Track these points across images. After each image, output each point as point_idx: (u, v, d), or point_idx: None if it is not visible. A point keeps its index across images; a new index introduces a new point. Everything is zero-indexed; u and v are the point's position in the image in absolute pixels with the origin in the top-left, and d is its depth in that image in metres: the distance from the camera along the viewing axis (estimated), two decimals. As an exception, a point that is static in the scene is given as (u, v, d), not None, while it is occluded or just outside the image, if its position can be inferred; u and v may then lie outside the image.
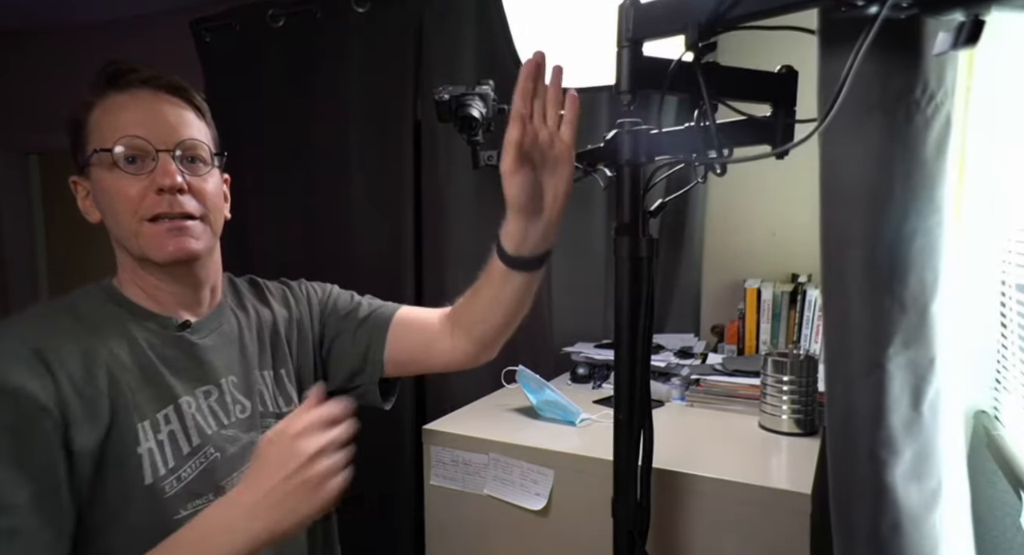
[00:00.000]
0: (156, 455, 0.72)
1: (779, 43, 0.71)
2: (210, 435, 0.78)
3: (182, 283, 0.80)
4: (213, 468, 0.77)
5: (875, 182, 0.59)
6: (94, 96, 0.75)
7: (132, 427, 0.71)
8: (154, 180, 0.73)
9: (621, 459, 0.81)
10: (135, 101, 0.75)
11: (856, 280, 0.62)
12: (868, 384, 0.62)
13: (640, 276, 0.78)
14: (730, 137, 0.71)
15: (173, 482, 0.73)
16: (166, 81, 0.78)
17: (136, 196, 0.73)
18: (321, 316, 0.99)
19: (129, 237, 0.75)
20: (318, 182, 1.98)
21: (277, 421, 0.83)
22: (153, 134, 0.74)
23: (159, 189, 0.73)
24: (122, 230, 0.75)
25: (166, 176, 0.73)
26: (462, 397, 1.46)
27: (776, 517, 0.93)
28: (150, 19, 2.40)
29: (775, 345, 1.58)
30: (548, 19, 0.99)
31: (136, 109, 0.75)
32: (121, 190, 0.73)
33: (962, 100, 0.95)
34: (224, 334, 0.85)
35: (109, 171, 0.74)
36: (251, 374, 0.86)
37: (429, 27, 1.79)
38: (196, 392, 0.79)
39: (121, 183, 0.73)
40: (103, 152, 0.73)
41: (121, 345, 0.74)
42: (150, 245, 0.74)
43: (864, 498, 0.64)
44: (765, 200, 1.72)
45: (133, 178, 0.73)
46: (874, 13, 0.37)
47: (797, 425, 1.17)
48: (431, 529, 1.23)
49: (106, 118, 0.74)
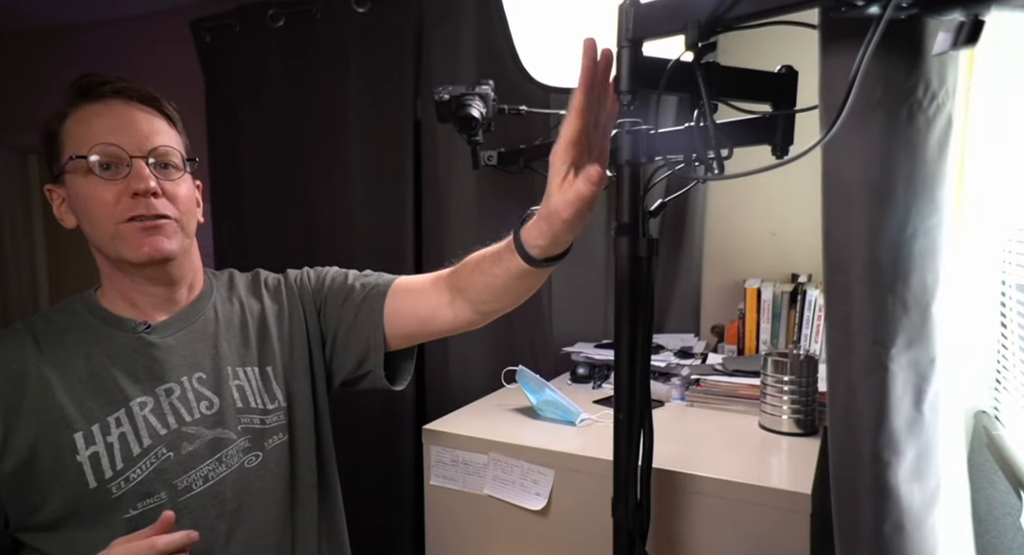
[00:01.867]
0: (104, 458, 0.75)
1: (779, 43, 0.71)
2: (163, 435, 0.79)
3: (157, 283, 0.84)
4: (165, 467, 0.79)
5: (877, 182, 0.59)
6: (68, 107, 0.79)
7: (66, 440, 0.74)
8: (129, 185, 0.77)
9: (621, 459, 0.81)
10: (108, 110, 0.78)
11: (858, 280, 0.62)
12: (871, 384, 0.62)
13: (640, 276, 0.78)
14: (730, 137, 0.71)
15: (121, 483, 0.76)
16: (138, 92, 0.81)
17: (112, 200, 0.77)
18: (315, 305, 0.97)
19: (106, 240, 0.78)
20: (318, 182, 1.98)
21: (261, 418, 0.87)
22: (127, 142, 0.77)
23: (134, 193, 0.77)
24: (99, 233, 0.78)
25: (140, 180, 0.77)
26: (462, 397, 1.46)
27: (776, 517, 0.93)
28: (150, 19, 2.40)
29: (775, 345, 1.58)
30: (548, 19, 0.99)
31: (109, 117, 0.78)
32: (97, 195, 0.77)
33: (962, 100, 0.95)
34: (195, 330, 0.86)
35: (84, 177, 0.77)
36: (223, 370, 0.86)
37: (429, 27, 1.79)
38: (157, 391, 0.81)
39: (97, 188, 0.77)
40: (78, 159, 0.76)
41: (77, 357, 0.78)
42: (126, 246, 0.78)
43: (867, 498, 0.64)
44: (765, 200, 1.72)
45: (108, 184, 0.77)
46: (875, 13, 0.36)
47: (797, 425, 1.17)
48: (431, 529, 1.23)
49: (79, 127, 0.77)
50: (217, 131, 2.11)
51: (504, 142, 1.30)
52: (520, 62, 0.96)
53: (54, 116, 0.79)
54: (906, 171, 0.57)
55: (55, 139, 0.79)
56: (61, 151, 0.78)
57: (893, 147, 0.57)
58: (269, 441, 0.87)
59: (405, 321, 0.95)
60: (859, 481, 0.64)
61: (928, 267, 0.59)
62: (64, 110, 0.79)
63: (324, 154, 1.96)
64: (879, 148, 0.58)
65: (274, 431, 0.88)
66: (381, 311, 0.95)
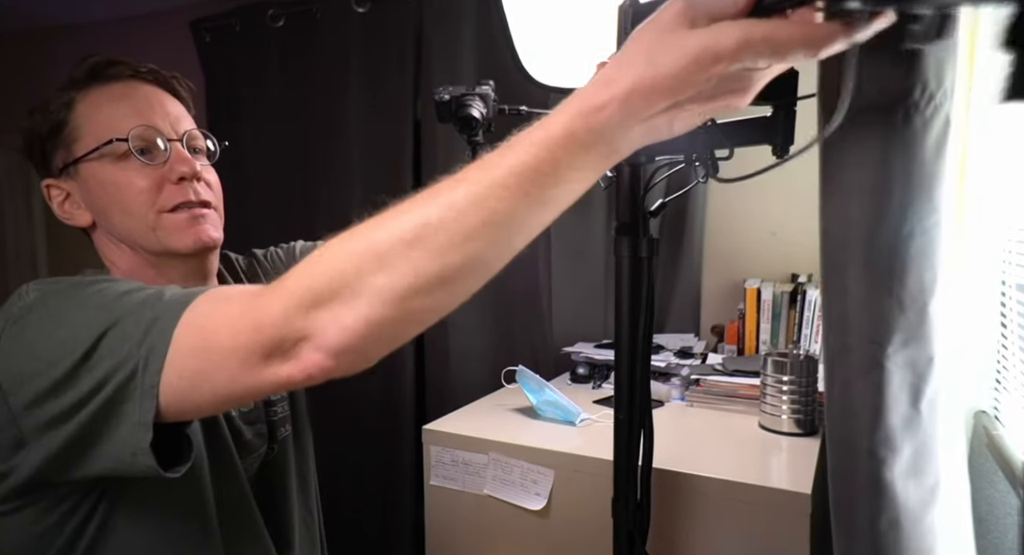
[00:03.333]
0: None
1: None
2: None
3: (194, 274, 0.77)
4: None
5: (874, 183, 0.59)
6: (74, 92, 0.70)
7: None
8: (172, 169, 0.70)
9: (621, 459, 0.81)
10: (132, 91, 0.71)
11: (855, 280, 0.62)
12: (867, 382, 0.62)
13: (640, 276, 0.78)
14: (730, 137, 0.71)
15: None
16: (156, 73, 0.74)
17: (151, 187, 0.70)
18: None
19: (145, 231, 0.71)
20: (318, 182, 1.98)
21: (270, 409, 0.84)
22: (161, 124, 0.71)
23: (179, 178, 0.71)
24: (135, 224, 0.71)
25: (184, 163, 0.71)
26: (462, 397, 1.46)
27: (776, 517, 0.94)
28: (150, 19, 2.40)
29: (775, 345, 1.58)
30: (548, 19, 0.99)
31: (136, 99, 0.71)
32: (134, 182, 0.69)
33: (962, 100, 0.95)
34: None
35: (116, 164, 0.69)
36: None
37: (429, 27, 1.80)
38: None
39: (133, 175, 0.69)
40: (117, 142, 0.68)
41: None
42: (172, 236, 0.71)
43: (863, 495, 0.64)
44: (765, 200, 1.72)
45: (146, 169, 0.70)
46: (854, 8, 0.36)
47: (797, 425, 1.17)
48: (431, 529, 1.23)
49: (99, 112, 0.69)
50: (217, 131, 2.11)
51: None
52: (520, 62, 0.96)
53: (57, 105, 0.70)
54: (903, 172, 0.57)
55: (62, 129, 0.70)
56: (75, 139, 0.70)
57: (890, 148, 0.57)
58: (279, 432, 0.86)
59: None
60: (855, 478, 0.65)
61: (926, 267, 0.59)
62: (69, 96, 0.70)
63: (324, 154, 1.96)
64: (876, 149, 0.58)
65: (281, 423, 0.86)
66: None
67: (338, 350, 0.46)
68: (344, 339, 0.46)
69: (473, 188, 0.45)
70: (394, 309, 0.45)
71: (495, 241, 0.46)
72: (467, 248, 0.45)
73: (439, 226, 0.45)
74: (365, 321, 0.45)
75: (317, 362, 0.47)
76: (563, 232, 1.74)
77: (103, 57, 0.72)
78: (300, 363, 0.47)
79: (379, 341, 0.47)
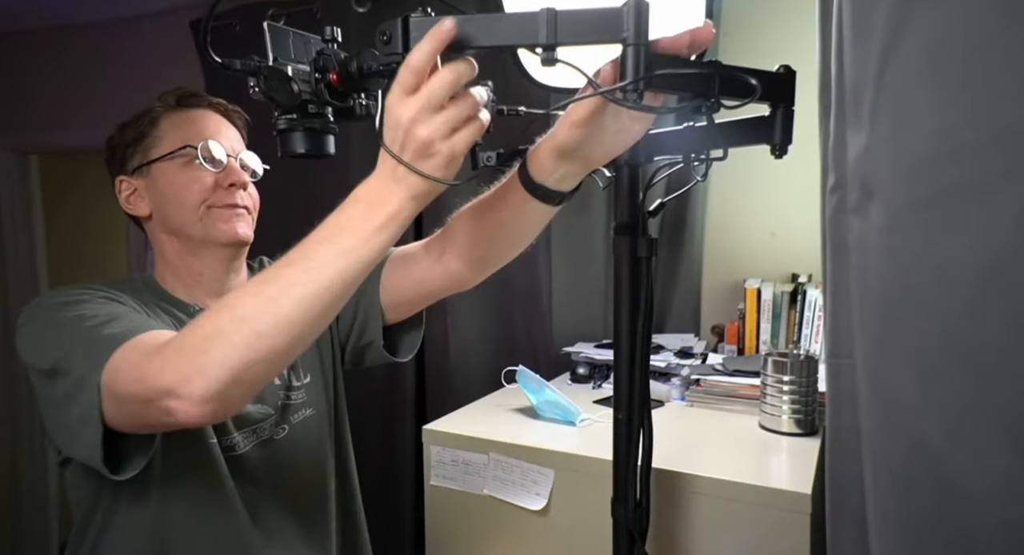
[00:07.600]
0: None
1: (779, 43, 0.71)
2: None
3: (226, 266, 0.93)
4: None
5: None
6: (161, 111, 0.90)
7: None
8: (228, 175, 0.89)
9: (621, 459, 0.81)
10: (208, 117, 0.92)
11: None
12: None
13: (640, 276, 0.78)
14: (730, 137, 0.71)
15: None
16: (226, 107, 0.95)
17: (207, 188, 0.88)
18: None
19: (193, 221, 0.88)
20: (318, 182, 1.98)
21: (287, 393, 0.94)
22: (226, 143, 0.91)
23: (231, 184, 0.89)
24: (187, 214, 0.88)
25: (237, 174, 0.90)
26: (462, 397, 1.46)
27: (776, 517, 0.94)
28: (150, 19, 2.40)
29: (775, 345, 1.58)
30: (548, 19, 0.99)
31: (211, 123, 0.91)
32: (197, 181, 0.87)
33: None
34: None
35: (184, 167, 0.87)
36: None
37: (429, 27, 1.79)
38: None
39: (197, 175, 0.87)
40: (188, 149, 0.87)
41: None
42: (214, 226, 0.88)
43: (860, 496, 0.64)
44: (765, 200, 1.72)
45: (206, 173, 0.88)
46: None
47: (797, 425, 1.17)
48: (431, 529, 1.23)
49: (179, 128, 0.89)
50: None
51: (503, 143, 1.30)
52: (520, 62, 0.96)
53: (146, 120, 0.89)
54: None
55: (144, 138, 0.89)
56: (153, 146, 0.88)
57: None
58: (295, 416, 0.94)
59: (401, 288, 0.95)
60: (852, 477, 0.65)
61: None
62: (156, 114, 0.89)
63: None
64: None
65: (299, 407, 0.95)
66: (376, 280, 0.95)
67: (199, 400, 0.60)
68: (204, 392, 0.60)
69: (301, 291, 0.66)
70: (238, 372, 0.60)
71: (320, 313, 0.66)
72: (291, 330, 0.63)
73: (263, 320, 0.63)
74: (216, 380, 0.60)
75: (184, 409, 0.61)
76: (563, 232, 1.74)
77: (188, 89, 0.92)
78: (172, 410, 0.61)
79: (233, 394, 0.62)
